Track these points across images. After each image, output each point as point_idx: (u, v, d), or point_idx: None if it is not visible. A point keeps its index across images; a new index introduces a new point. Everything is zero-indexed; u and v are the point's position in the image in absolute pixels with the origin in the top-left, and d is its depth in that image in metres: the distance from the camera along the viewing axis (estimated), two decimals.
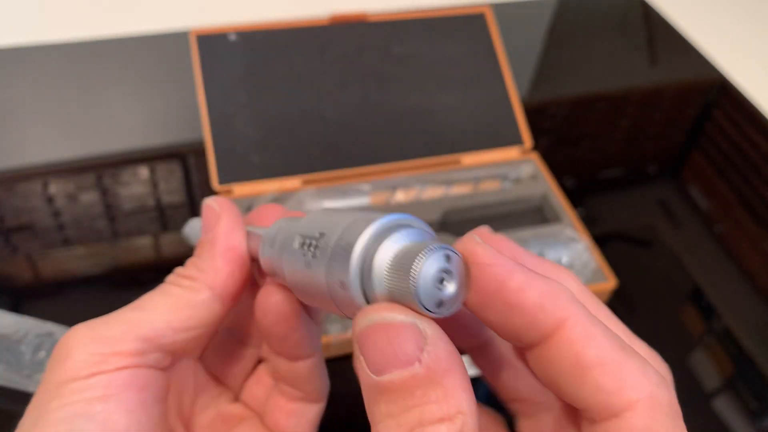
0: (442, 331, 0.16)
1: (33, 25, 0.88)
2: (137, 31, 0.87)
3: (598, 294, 0.55)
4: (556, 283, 0.17)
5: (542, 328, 0.17)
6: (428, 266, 0.16)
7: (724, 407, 0.52)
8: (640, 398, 0.16)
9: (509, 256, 0.18)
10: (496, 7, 0.72)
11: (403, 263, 0.16)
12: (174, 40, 0.85)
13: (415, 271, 0.16)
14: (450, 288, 0.17)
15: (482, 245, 0.18)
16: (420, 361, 0.15)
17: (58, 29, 0.86)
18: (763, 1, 1.07)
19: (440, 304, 0.17)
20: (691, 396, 0.53)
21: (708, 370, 0.55)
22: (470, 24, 0.68)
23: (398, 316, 0.16)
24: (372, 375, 0.16)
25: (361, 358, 0.16)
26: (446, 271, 0.17)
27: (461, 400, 0.15)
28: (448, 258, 0.17)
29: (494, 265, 0.17)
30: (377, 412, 0.16)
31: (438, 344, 0.16)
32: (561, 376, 0.17)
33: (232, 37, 0.62)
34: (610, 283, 0.55)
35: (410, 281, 0.16)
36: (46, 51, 0.82)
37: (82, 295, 0.56)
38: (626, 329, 0.21)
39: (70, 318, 0.28)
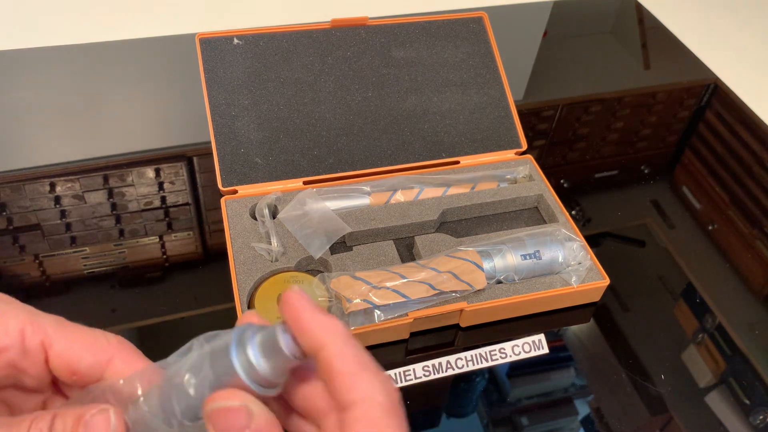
0: (264, 408, 0.24)
1: (42, 28, 0.88)
2: (144, 35, 0.87)
3: (592, 292, 0.57)
4: (329, 321, 0.25)
5: (312, 344, 0.24)
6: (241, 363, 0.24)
7: (717, 402, 0.53)
8: (359, 398, 0.23)
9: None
10: (493, 11, 0.73)
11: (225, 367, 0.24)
12: (180, 44, 0.86)
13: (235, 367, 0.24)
14: (264, 371, 0.24)
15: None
16: (249, 428, 0.23)
17: (66, 33, 0.87)
18: (755, 4, 1.08)
19: (266, 384, 0.24)
20: (684, 391, 0.54)
21: (701, 366, 0.56)
22: (468, 28, 0.69)
23: (233, 402, 0.24)
24: None
25: (211, 429, 0.24)
26: (262, 357, 0.24)
27: None
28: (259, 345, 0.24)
29: (296, 304, 0.25)
30: None
31: (260, 418, 0.24)
32: (327, 382, 0.25)
33: (236, 41, 0.63)
34: (604, 281, 0.56)
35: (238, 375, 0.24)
36: (53, 54, 0.83)
37: (88, 294, 0.57)
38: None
39: (77, 317, 0.29)
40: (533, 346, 0.55)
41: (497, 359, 0.54)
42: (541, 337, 0.55)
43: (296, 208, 0.58)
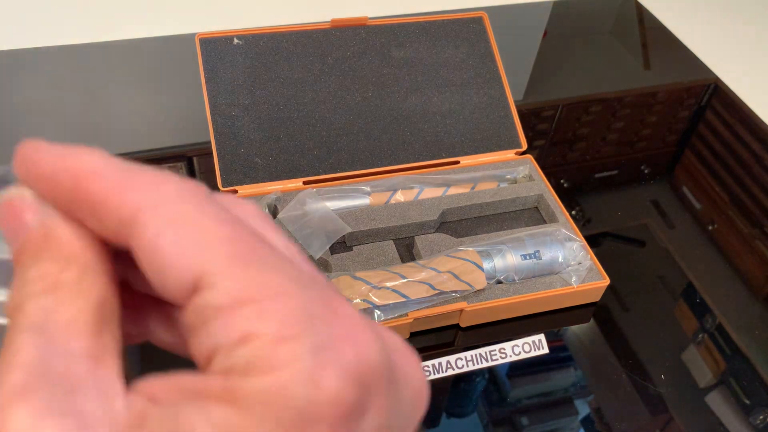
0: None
1: (42, 28, 0.88)
2: (144, 35, 0.87)
3: (592, 292, 0.57)
4: (75, 149, 0.17)
5: (62, 185, 0.16)
6: None
7: (717, 403, 0.53)
8: (142, 198, 0.15)
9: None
10: (493, 11, 0.73)
11: None
12: (180, 44, 0.86)
13: None
14: None
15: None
16: (37, 224, 0.16)
17: (65, 33, 0.87)
18: (755, 4, 1.08)
19: None
20: (684, 391, 0.54)
21: (701, 367, 0.56)
22: (468, 28, 0.69)
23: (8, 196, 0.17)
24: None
25: None
26: None
27: (74, 246, 0.16)
28: None
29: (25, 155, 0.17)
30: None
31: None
32: (93, 215, 0.16)
33: (236, 41, 0.63)
34: (604, 281, 0.56)
35: None
36: (53, 54, 0.83)
37: None
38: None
39: None
40: (533, 346, 0.55)
41: (497, 359, 0.54)
42: (541, 337, 0.55)
43: (296, 208, 0.58)
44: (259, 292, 0.14)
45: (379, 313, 0.50)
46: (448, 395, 0.53)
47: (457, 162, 0.66)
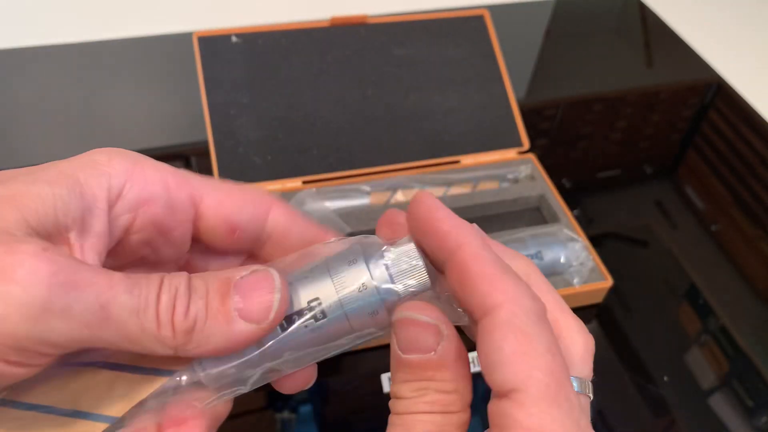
0: (455, 332, 0.21)
1: (39, 26, 0.88)
2: (141, 34, 0.87)
3: (594, 293, 0.56)
4: (465, 224, 0.22)
5: (446, 248, 0.21)
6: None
7: (720, 405, 0.53)
8: (505, 300, 0.19)
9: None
10: (494, 10, 0.73)
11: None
12: (178, 42, 0.86)
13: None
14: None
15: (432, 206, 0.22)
16: (435, 351, 0.21)
17: (63, 31, 0.87)
18: (759, 2, 1.08)
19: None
20: (687, 393, 0.53)
21: (704, 368, 0.55)
22: (469, 26, 0.68)
23: (424, 317, 0.21)
24: (399, 351, 0.21)
25: (394, 337, 0.22)
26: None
27: (459, 383, 0.21)
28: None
29: (429, 207, 0.22)
30: (397, 376, 0.21)
31: (451, 342, 0.21)
32: (458, 287, 0.21)
33: (234, 39, 0.62)
34: (607, 282, 0.56)
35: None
36: (50, 52, 0.83)
37: None
38: (558, 299, 0.24)
39: None
40: None
41: None
42: None
43: (295, 208, 0.57)
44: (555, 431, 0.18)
45: None
46: None
47: (458, 161, 0.65)
